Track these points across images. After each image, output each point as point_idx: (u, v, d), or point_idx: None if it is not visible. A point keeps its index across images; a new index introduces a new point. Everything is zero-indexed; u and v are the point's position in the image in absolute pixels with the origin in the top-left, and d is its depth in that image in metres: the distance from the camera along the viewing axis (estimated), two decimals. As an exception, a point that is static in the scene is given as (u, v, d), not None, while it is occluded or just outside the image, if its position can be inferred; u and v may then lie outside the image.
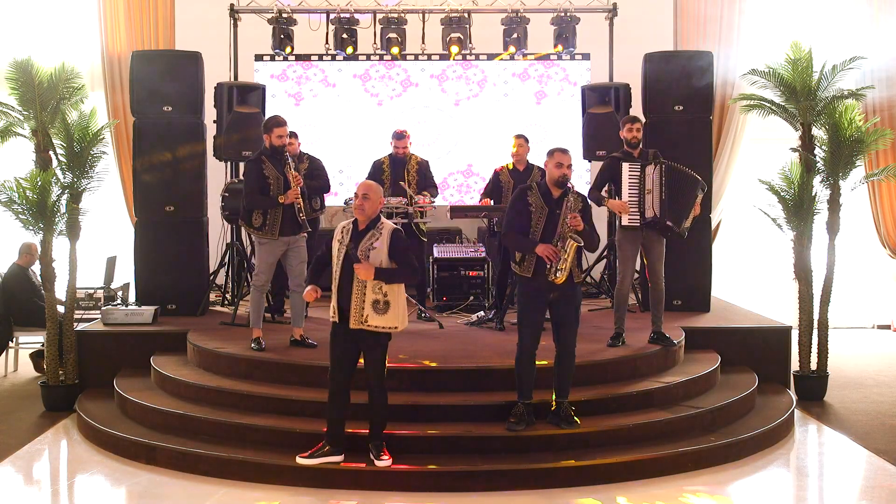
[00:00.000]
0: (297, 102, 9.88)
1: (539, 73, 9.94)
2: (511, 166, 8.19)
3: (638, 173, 6.67)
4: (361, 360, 5.43)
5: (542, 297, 5.63)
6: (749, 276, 10.55)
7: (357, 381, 5.55)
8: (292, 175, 6.62)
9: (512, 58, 9.65)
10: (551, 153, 5.67)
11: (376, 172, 8.28)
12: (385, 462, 5.31)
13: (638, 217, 6.66)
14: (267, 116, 8.78)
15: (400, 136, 8.19)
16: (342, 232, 5.36)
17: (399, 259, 5.32)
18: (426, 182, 8.26)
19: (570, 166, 5.65)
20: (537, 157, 8.16)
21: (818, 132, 7.48)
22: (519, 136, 8.16)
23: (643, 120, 6.91)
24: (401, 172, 8.17)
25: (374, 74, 9.95)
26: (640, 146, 6.84)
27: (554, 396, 5.74)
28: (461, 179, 10.01)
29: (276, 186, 6.63)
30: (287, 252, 6.74)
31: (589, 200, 6.97)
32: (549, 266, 5.49)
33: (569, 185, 5.63)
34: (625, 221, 6.71)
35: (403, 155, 8.22)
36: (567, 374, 5.72)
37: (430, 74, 9.96)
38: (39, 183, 6.89)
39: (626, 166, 6.71)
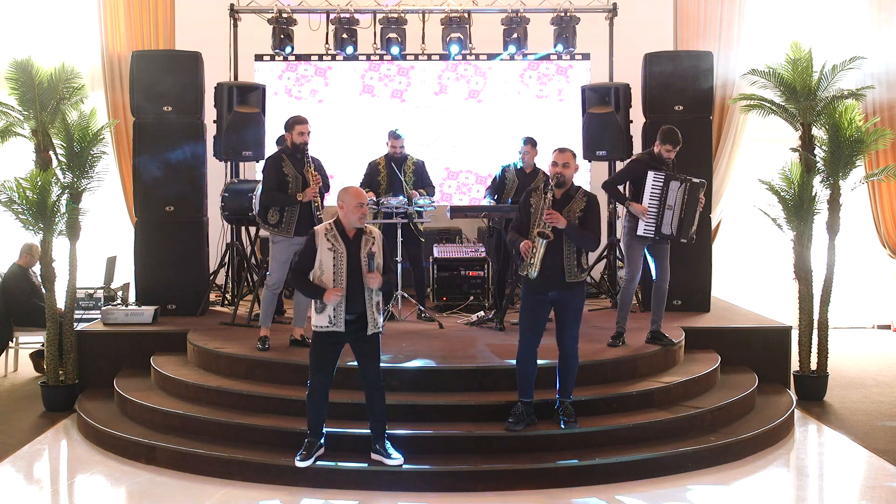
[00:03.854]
0: (296, 102, 9.86)
1: (539, 73, 9.94)
2: (517, 167, 8.18)
3: (661, 184, 6.62)
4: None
5: (543, 296, 5.64)
6: (749, 276, 10.55)
7: (350, 382, 5.58)
8: (311, 174, 6.62)
9: (512, 58, 9.66)
10: (553, 153, 5.70)
11: (373, 173, 8.28)
12: (398, 460, 5.32)
13: (653, 230, 6.63)
14: (268, 116, 8.87)
15: (397, 136, 8.20)
16: (329, 238, 5.30)
17: (386, 264, 5.41)
18: (423, 182, 8.27)
19: (566, 164, 5.63)
20: (542, 158, 8.18)
21: (818, 132, 7.48)
22: (527, 142, 8.07)
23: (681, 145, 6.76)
24: (397, 173, 8.17)
25: (374, 74, 9.95)
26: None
27: (557, 396, 5.75)
28: (467, 179, 10.01)
29: (295, 185, 6.63)
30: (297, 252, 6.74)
31: (607, 195, 6.99)
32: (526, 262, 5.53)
33: (568, 186, 5.62)
34: (640, 231, 6.66)
35: (400, 155, 8.22)
36: (568, 375, 5.72)
37: (429, 74, 9.96)
38: (39, 183, 6.89)
39: (651, 175, 6.65)
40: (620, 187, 6.97)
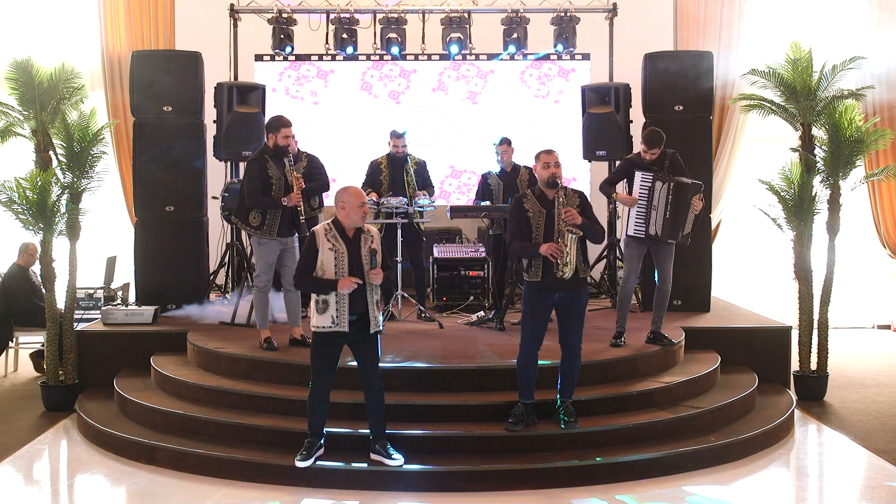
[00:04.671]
0: (296, 102, 9.87)
1: (539, 73, 9.94)
2: (498, 171, 8.24)
3: (649, 184, 6.63)
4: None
5: (549, 298, 5.63)
6: (749, 276, 10.56)
7: (350, 382, 5.59)
8: (295, 177, 6.62)
9: (512, 58, 9.66)
10: (537, 156, 5.70)
11: (374, 172, 8.28)
12: (399, 460, 5.32)
13: (643, 230, 6.65)
14: (268, 116, 8.85)
15: (399, 136, 8.19)
16: (329, 238, 5.30)
17: (385, 265, 5.42)
18: (424, 182, 8.27)
19: (557, 164, 5.65)
20: (529, 159, 8.22)
21: (818, 132, 7.48)
22: (503, 142, 8.20)
23: (664, 141, 6.75)
24: (399, 172, 8.17)
25: (374, 74, 9.95)
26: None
27: (558, 395, 5.75)
28: (469, 179, 10.01)
29: (279, 187, 6.62)
30: (282, 252, 6.73)
31: (601, 192, 7.02)
32: (555, 263, 5.50)
33: (559, 182, 5.63)
34: (630, 231, 6.70)
35: (402, 154, 8.22)
36: (571, 375, 5.72)
37: (430, 75, 9.96)
38: (39, 183, 6.89)
39: (638, 175, 6.67)
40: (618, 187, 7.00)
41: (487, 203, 8.10)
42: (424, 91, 9.98)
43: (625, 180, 6.92)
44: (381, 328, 5.38)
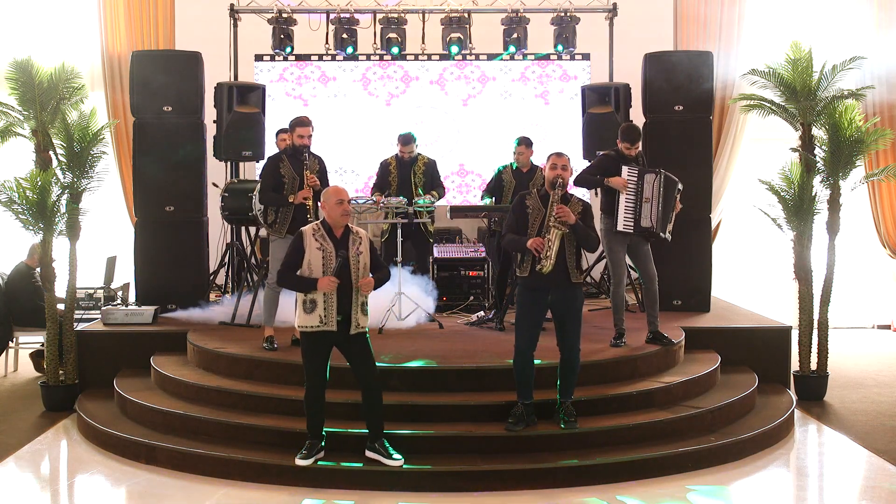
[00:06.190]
0: (297, 102, 9.87)
1: (539, 73, 9.94)
2: (514, 167, 8.22)
3: (636, 178, 6.65)
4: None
5: (541, 297, 5.64)
6: (749, 276, 10.56)
7: (349, 382, 5.58)
8: (307, 177, 6.64)
9: (512, 58, 9.67)
10: (548, 157, 5.76)
11: (384, 173, 8.28)
12: (399, 461, 5.32)
13: (632, 224, 6.65)
14: (268, 116, 8.88)
15: (406, 142, 8.17)
16: (317, 238, 5.32)
17: (377, 264, 5.44)
18: (433, 182, 8.27)
19: (564, 167, 5.69)
20: (539, 159, 8.22)
21: (818, 132, 7.47)
22: (521, 143, 8.16)
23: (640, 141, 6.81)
24: (408, 173, 8.17)
25: (375, 75, 9.95)
26: None
27: (558, 396, 5.75)
28: (473, 181, 10.01)
29: (291, 186, 6.65)
30: None
31: (581, 187, 7.01)
32: (538, 257, 5.53)
33: (566, 190, 5.67)
34: (619, 227, 6.69)
35: (409, 158, 8.21)
36: (571, 376, 5.72)
37: (430, 75, 9.96)
38: (39, 183, 6.88)
39: (625, 169, 6.68)
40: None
41: (490, 200, 8.09)
42: (424, 92, 9.97)
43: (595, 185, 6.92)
44: (363, 330, 5.36)
